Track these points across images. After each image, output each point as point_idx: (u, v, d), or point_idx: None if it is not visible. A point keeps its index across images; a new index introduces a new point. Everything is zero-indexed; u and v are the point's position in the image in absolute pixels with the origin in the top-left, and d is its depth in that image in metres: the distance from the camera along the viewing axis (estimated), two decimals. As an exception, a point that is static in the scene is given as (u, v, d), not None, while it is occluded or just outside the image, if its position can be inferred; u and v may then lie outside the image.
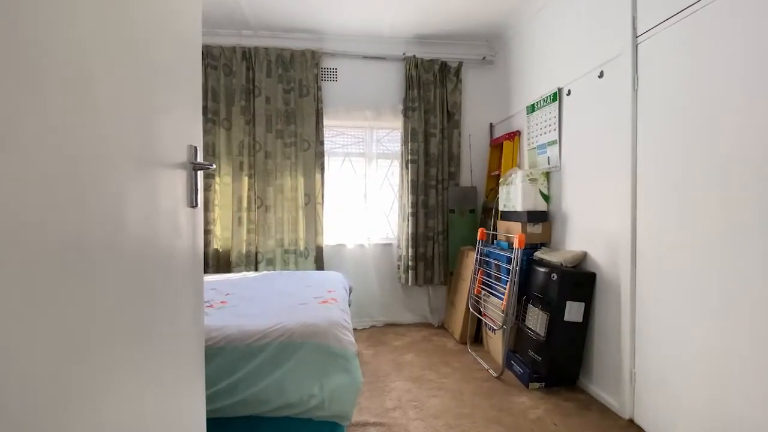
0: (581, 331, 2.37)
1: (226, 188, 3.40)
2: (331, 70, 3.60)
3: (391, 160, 3.80)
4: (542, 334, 2.41)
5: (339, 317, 1.82)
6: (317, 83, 3.47)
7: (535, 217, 2.75)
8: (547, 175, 2.82)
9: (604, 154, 2.25)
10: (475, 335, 3.17)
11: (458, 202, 3.61)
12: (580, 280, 2.35)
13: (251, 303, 2.05)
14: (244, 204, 3.38)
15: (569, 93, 2.60)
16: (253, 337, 1.64)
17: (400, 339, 3.26)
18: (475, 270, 3.04)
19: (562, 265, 2.40)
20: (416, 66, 3.55)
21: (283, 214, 3.44)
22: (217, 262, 3.40)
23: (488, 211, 3.51)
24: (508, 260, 2.66)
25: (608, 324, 2.23)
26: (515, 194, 2.85)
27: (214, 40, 3.42)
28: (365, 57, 3.61)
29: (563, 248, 2.64)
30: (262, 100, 3.40)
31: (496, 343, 2.86)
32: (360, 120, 3.62)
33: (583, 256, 2.44)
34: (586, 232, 2.44)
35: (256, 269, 3.39)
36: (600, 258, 2.32)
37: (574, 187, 2.56)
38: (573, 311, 2.34)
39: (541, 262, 2.56)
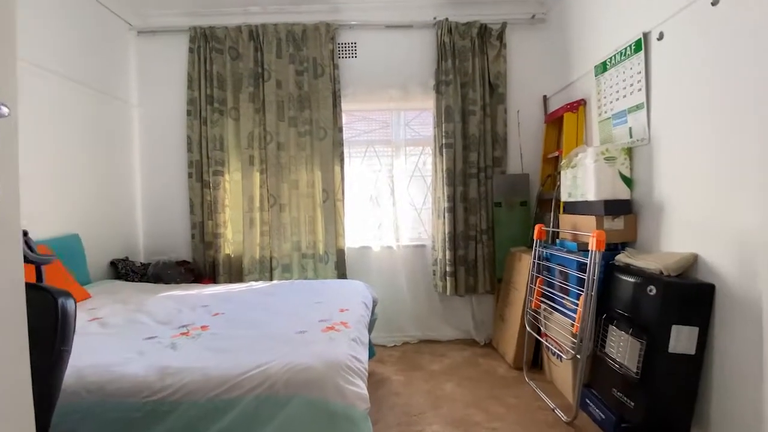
0: (694, 367, 1.68)
1: (236, 186, 3.00)
2: (350, 46, 3.09)
3: (422, 146, 3.23)
4: (633, 368, 1.74)
5: (345, 355, 1.29)
6: (333, 61, 2.98)
7: (615, 208, 2.06)
8: (629, 151, 2.12)
9: (728, 114, 1.54)
10: (534, 358, 2.53)
11: (506, 194, 2.96)
12: (691, 294, 1.65)
13: (239, 328, 1.58)
14: (256, 203, 2.97)
15: (661, 37, 1.89)
16: (220, 388, 1.16)
17: (438, 361, 2.69)
18: (532, 278, 2.39)
19: (662, 273, 1.72)
20: (450, 31, 2.94)
21: (300, 214, 2.98)
22: (229, 269, 3.02)
23: (545, 203, 2.84)
24: (580, 266, 2.01)
25: (737, 357, 1.53)
26: (585, 179, 2.17)
27: (218, 20, 3.04)
28: (388, 26, 3.06)
29: (658, 249, 1.94)
30: (273, 84, 2.96)
31: (563, 373, 2.21)
32: (384, 101, 3.08)
33: (693, 261, 1.73)
34: (696, 227, 1.73)
35: (271, 277, 2.96)
36: (721, 263, 1.61)
37: (673, 165, 1.85)
38: (682, 339, 1.65)
39: (628, 269, 1.88)
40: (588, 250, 1.95)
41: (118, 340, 1.48)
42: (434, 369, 2.57)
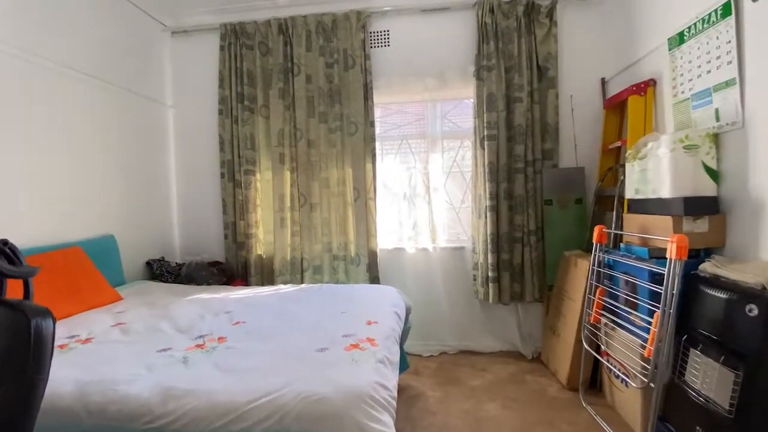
0: (812, 410, 1.32)
1: (267, 185, 2.92)
2: (382, 34, 2.89)
3: (461, 139, 2.97)
4: (724, 404, 1.41)
5: (368, 383, 1.11)
6: (365, 51, 2.79)
7: (698, 206, 1.71)
8: (715, 138, 1.75)
9: None
10: (592, 377, 2.21)
11: (558, 190, 2.63)
12: (809, 318, 1.30)
13: (256, 341, 1.45)
14: (287, 202, 2.86)
15: (761, -5, 1.52)
16: (226, 418, 1.03)
17: (479, 376, 2.44)
18: (590, 288, 2.08)
19: (765, 289, 1.37)
20: (492, 11, 2.65)
21: (330, 214, 2.84)
22: (261, 270, 2.95)
23: (605, 201, 2.48)
24: (653, 277, 1.69)
25: None
26: (658, 172, 1.83)
27: (248, 15, 2.96)
28: (424, 11, 2.83)
29: (756, 258, 1.57)
30: (302, 79, 2.83)
31: (629, 400, 1.89)
32: (419, 92, 2.86)
33: (809, 274, 1.36)
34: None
35: (302, 279, 2.85)
36: None
37: (780, 153, 1.48)
38: (796, 374, 1.30)
39: (717, 283, 1.53)
40: (662, 258, 1.63)
41: (132, 351, 1.40)
42: (475, 385, 2.33)
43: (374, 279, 2.78)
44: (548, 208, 2.65)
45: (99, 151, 2.48)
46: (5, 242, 0.86)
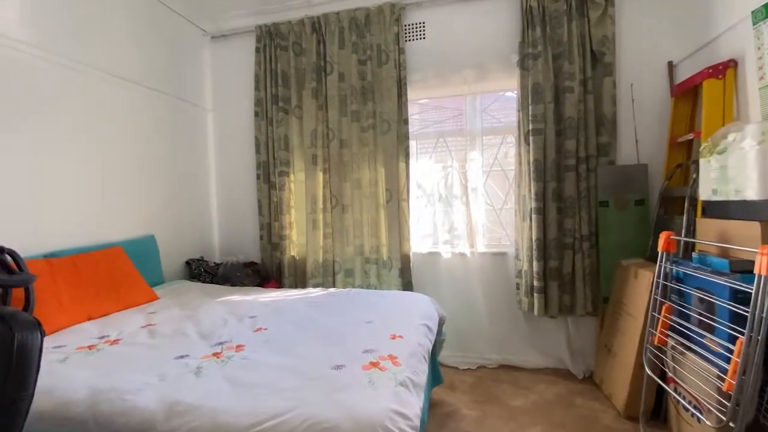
0: None
1: (300, 186, 2.89)
2: (417, 26, 2.74)
3: (503, 135, 2.75)
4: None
5: (384, 411, 0.98)
6: (399, 45, 2.66)
7: (798, 210, 1.39)
8: (823, 126, 1.42)
9: None
10: (655, 407, 1.92)
11: (616, 190, 2.34)
12: None
13: (273, 352, 1.38)
14: (319, 204, 2.81)
15: None
16: (226, 441, 0.93)
17: (521, 395, 2.22)
18: (654, 304, 1.79)
19: None
20: (538, -7, 2.41)
21: (362, 215, 2.75)
22: (294, 271, 2.92)
23: (674, 203, 2.16)
24: (735, 295, 1.40)
25: None
26: (743, 169, 1.52)
27: (282, 16, 2.94)
28: (462, -1, 2.64)
29: None
30: (335, 78, 2.76)
31: (704, 440, 1.60)
32: (456, 85, 2.68)
33: None
34: None
35: (334, 282, 2.79)
36: None
37: None
38: None
39: (828, 306, 1.23)
40: (748, 272, 1.34)
41: (152, 356, 1.39)
42: (516, 405, 2.11)
43: (407, 284, 2.64)
44: (604, 211, 2.36)
45: (142, 154, 2.58)
46: (1, 249, 0.83)
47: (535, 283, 2.41)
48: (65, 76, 2.07)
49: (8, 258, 0.85)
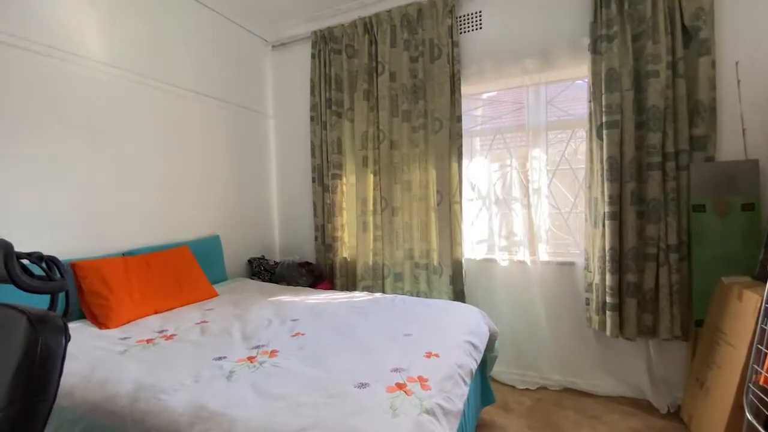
0: None
1: (352, 188, 2.88)
2: (473, 16, 2.56)
3: (571, 129, 2.44)
4: None
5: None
6: (452, 38, 2.51)
7: None
8: None
9: None
10: (765, 463, 1.54)
11: (715, 191, 1.93)
12: None
13: (303, 361, 1.36)
14: (369, 206, 2.78)
15: None
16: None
17: (587, 425, 1.94)
18: (762, 334, 1.43)
19: None
20: (614, -36, 2.09)
21: (412, 218, 2.65)
22: (346, 273, 2.94)
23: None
24: None
25: None
26: None
27: (336, 19, 2.96)
28: (524, -19, 2.40)
29: None
30: (386, 77, 2.70)
31: None
32: (517, 76, 2.44)
33: None
34: None
35: (383, 285, 2.73)
36: None
37: None
38: None
39: None
40: None
41: (195, 354, 1.46)
42: (580, 438, 1.86)
43: (458, 293, 2.48)
44: (699, 217, 1.96)
45: (209, 161, 2.78)
46: (41, 257, 0.90)
47: (608, 299, 2.10)
48: (140, 92, 2.29)
49: (43, 265, 0.91)
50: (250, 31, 3.15)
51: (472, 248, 2.61)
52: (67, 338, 0.82)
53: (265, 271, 3.04)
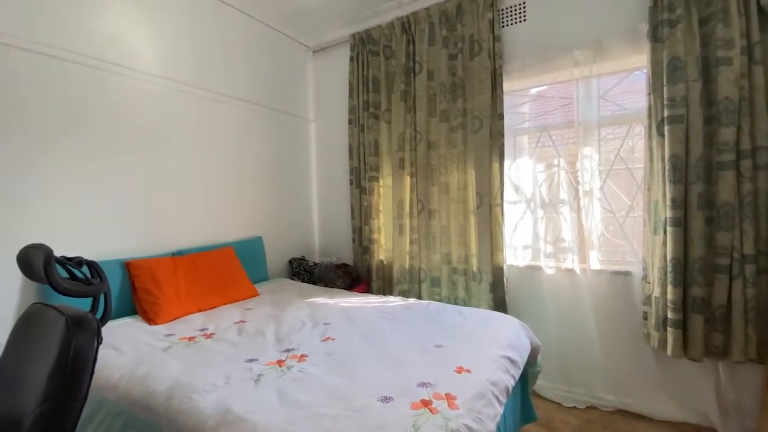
0: None
1: (388, 191, 2.86)
2: (516, 9, 2.42)
3: (628, 124, 2.23)
4: None
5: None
6: (493, 33, 2.39)
7: None
8: None
9: None
10: None
11: (803, 195, 1.66)
12: None
13: (330, 369, 1.35)
14: (406, 209, 2.74)
15: None
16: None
17: (643, 454, 1.75)
18: None
19: None
20: (679, -60, 1.86)
21: (449, 222, 2.56)
22: (382, 276, 2.92)
23: None
24: None
25: None
26: None
27: (374, 21, 2.95)
28: (573, -33, 2.22)
29: None
30: (423, 77, 2.64)
31: None
32: (565, 69, 2.27)
33: None
34: None
35: (419, 290, 2.68)
36: None
37: None
38: None
39: None
40: None
41: (229, 355, 1.50)
42: (634, 467, 1.68)
43: (499, 301, 2.36)
44: (782, 223, 1.70)
45: (253, 165, 2.88)
46: (80, 262, 0.96)
47: (670, 315, 1.88)
48: (188, 101, 2.42)
49: (84, 269, 0.97)
50: (292, 38, 3.23)
51: (514, 254, 2.47)
52: (99, 341, 0.86)
53: (304, 271, 3.10)
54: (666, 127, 1.89)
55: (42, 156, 1.78)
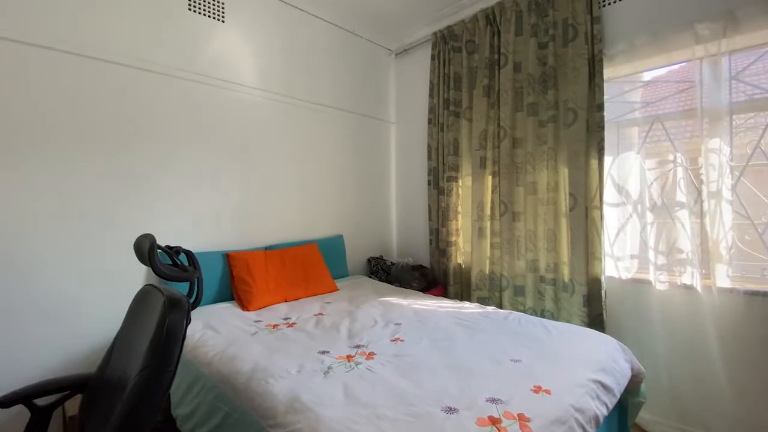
0: None
1: (467, 191, 2.74)
2: (622, -17, 2.12)
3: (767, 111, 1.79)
4: None
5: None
6: (591, 14, 2.13)
7: None
8: None
9: None
10: None
11: None
12: None
13: (396, 371, 1.32)
14: (487, 210, 2.59)
15: None
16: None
17: None
18: None
19: None
20: None
21: (537, 225, 2.35)
22: (460, 280, 2.81)
23: None
24: None
25: None
26: None
27: (457, 16, 2.88)
28: (698, -76, 1.87)
29: None
30: (509, 69, 2.48)
31: None
32: (684, 48, 1.92)
33: None
34: None
35: (500, 298, 2.51)
36: None
37: None
38: None
39: None
40: None
41: (305, 345, 1.57)
42: None
43: (595, 318, 2.08)
44: None
45: (336, 167, 3.02)
46: (177, 252, 1.09)
47: (836, 351, 1.45)
48: (281, 109, 2.63)
49: (182, 257, 1.09)
50: (376, 43, 3.30)
51: (615, 264, 2.16)
52: (188, 321, 0.97)
53: (382, 270, 3.14)
54: (834, 110, 1.47)
55: (163, 162, 2.09)
